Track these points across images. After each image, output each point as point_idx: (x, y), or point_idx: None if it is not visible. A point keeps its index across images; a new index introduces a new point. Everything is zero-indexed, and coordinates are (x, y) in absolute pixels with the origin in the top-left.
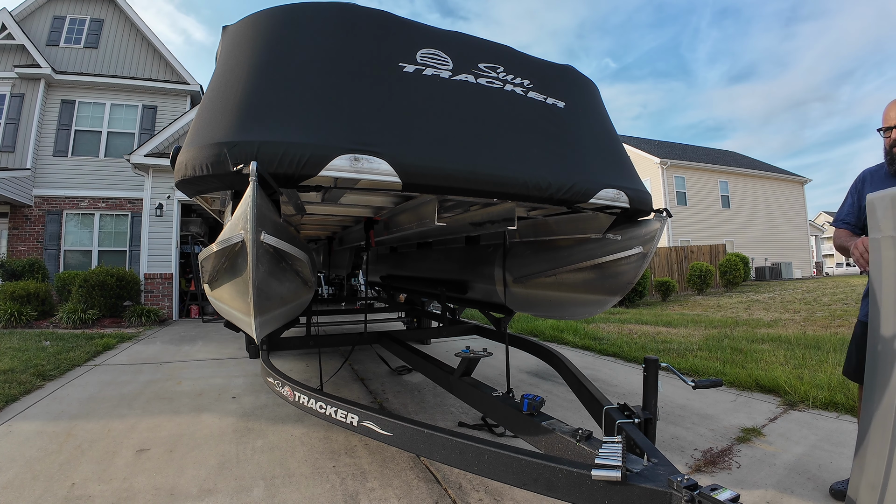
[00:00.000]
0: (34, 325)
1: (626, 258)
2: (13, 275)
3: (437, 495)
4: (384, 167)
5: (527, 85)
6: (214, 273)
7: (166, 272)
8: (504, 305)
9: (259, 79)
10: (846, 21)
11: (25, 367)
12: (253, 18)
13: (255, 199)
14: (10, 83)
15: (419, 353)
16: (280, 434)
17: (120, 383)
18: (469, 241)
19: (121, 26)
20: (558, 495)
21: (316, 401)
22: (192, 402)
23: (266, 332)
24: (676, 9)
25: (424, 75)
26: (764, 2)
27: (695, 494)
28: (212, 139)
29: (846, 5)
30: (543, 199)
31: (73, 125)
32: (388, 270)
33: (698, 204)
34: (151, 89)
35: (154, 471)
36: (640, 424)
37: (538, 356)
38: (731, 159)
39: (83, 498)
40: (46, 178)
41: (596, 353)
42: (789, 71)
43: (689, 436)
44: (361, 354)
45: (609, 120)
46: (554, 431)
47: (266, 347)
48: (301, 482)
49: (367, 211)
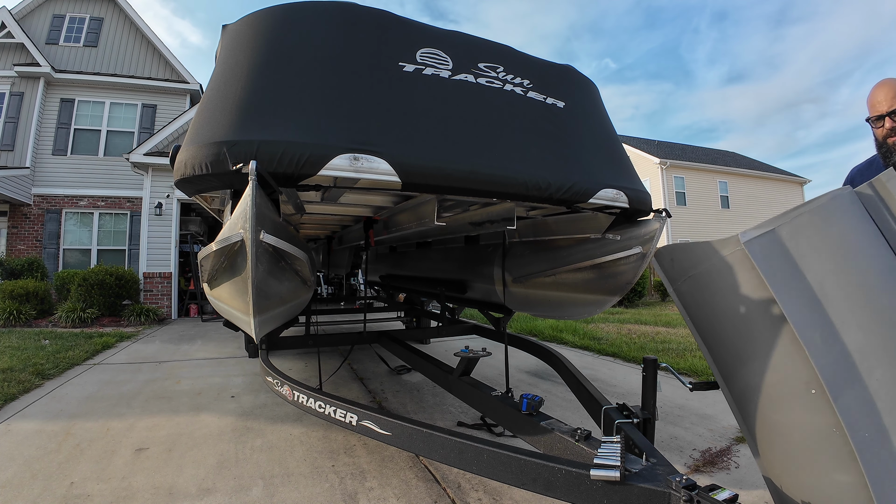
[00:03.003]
0: (33, 324)
1: (625, 258)
2: (12, 273)
3: (436, 495)
4: (384, 167)
5: (527, 85)
6: (214, 272)
7: (165, 271)
8: (503, 305)
9: (259, 78)
10: (836, 23)
11: (24, 365)
12: (253, 17)
13: (255, 198)
14: (9, 82)
15: (418, 353)
16: (279, 433)
17: (119, 382)
18: (468, 240)
19: (120, 25)
20: (557, 495)
21: (315, 400)
22: (191, 402)
23: (265, 331)
24: (667, 12)
25: (424, 75)
26: (753, 4)
27: (693, 494)
28: (211, 138)
29: (835, 8)
30: (543, 199)
31: (73, 124)
32: (388, 270)
33: (697, 204)
34: (151, 88)
35: (153, 470)
36: (638, 424)
37: (537, 356)
38: (731, 159)
39: (82, 497)
40: (46, 177)
41: (595, 353)
42: (780, 73)
43: (687, 436)
44: (360, 354)
45: (609, 120)
46: (553, 431)
47: (265, 347)
48: (300, 481)
49: (367, 210)
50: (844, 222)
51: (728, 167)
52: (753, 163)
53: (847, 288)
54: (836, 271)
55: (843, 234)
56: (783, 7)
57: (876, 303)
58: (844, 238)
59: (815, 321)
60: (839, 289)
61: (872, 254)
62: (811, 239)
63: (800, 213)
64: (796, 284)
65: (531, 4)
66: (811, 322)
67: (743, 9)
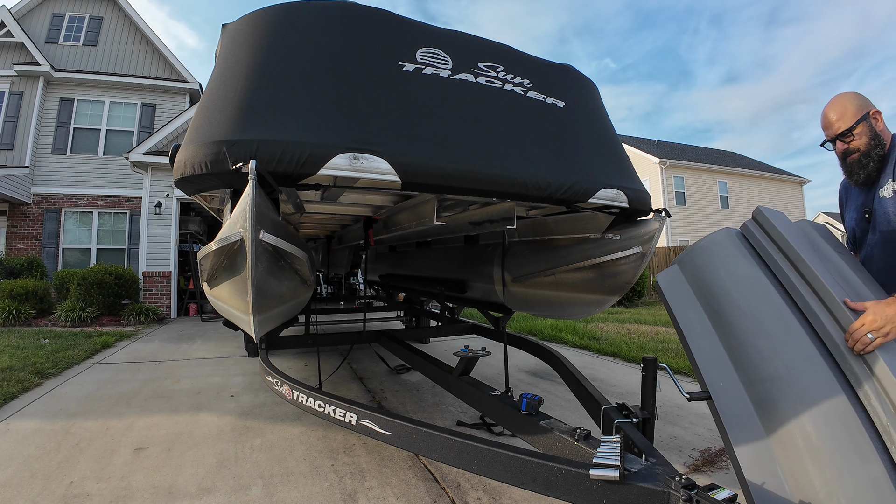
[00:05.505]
0: (32, 324)
1: (624, 258)
2: (12, 273)
3: (436, 494)
4: (383, 166)
5: (526, 84)
6: (213, 271)
7: (165, 270)
8: (503, 305)
9: (258, 77)
10: (827, 25)
11: (24, 365)
12: (252, 17)
13: (255, 197)
14: (8, 81)
15: (418, 352)
16: (279, 433)
17: (118, 381)
18: (468, 240)
19: (120, 24)
20: (556, 494)
21: (315, 399)
22: (191, 401)
23: (265, 330)
24: (659, 14)
25: (424, 74)
26: (744, 6)
27: (692, 494)
28: (211, 137)
29: (827, 9)
30: (543, 199)
31: (72, 123)
32: (387, 269)
33: (697, 204)
34: (150, 87)
35: (152, 469)
36: (638, 424)
37: (537, 355)
38: (731, 159)
39: (81, 496)
40: (45, 176)
41: (594, 353)
42: (773, 74)
43: (687, 435)
44: (360, 353)
45: (608, 120)
46: (552, 431)
47: (265, 346)
48: (299, 481)
49: (367, 210)
50: (725, 254)
51: (728, 167)
52: (753, 163)
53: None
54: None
55: (725, 263)
56: (774, 9)
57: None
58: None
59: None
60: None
61: (749, 278)
62: (700, 270)
63: (691, 249)
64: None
65: (522, 7)
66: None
67: (735, 10)
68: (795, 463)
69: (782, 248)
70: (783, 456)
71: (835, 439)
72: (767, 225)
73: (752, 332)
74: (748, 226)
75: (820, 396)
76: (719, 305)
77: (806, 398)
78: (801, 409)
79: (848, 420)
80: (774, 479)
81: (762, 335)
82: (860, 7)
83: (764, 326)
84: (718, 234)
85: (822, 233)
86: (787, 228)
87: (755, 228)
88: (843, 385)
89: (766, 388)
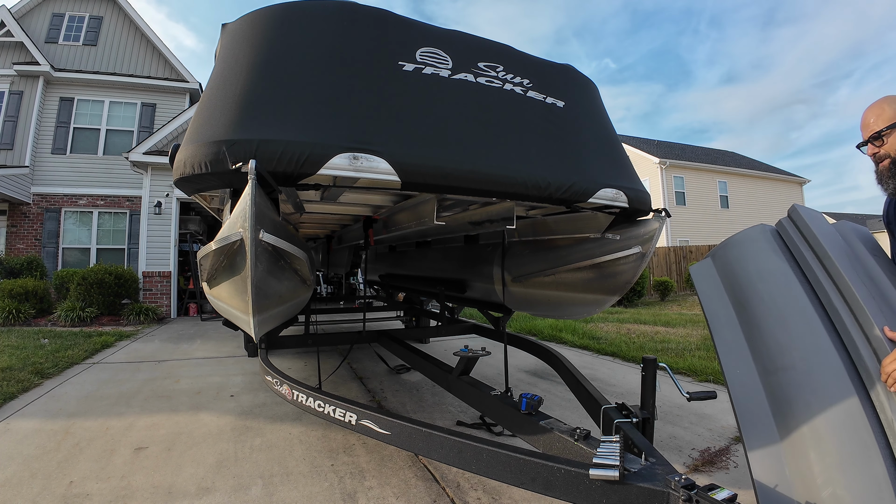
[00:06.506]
0: (32, 323)
1: (624, 258)
2: (11, 272)
3: (435, 494)
4: (383, 166)
5: (526, 84)
6: (213, 271)
7: (165, 270)
8: (503, 304)
9: (258, 77)
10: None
11: (24, 364)
12: (252, 16)
13: (254, 197)
14: (8, 80)
15: (418, 352)
16: (278, 433)
17: (118, 381)
18: (468, 240)
19: (120, 24)
20: (556, 494)
21: (314, 399)
22: (191, 401)
23: (264, 330)
24: (656, 16)
25: (424, 74)
26: (741, 7)
27: (692, 494)
28: (211, 137)
29: (823, 10)
30: (542, 199)
31: (72, 123)
32: (387, 269)
33: (697, 204)
34: (150, 87)
35: (152, 469)
36: (638, 424)
37: (537, 355)
38: (730, 159)
39: (81, 496)
40: (45, 176)
41: (594, 353)
42: (770, 74)
43: (686, 435)
44: (360, 353)
45: (608, 119)
46: (552, 430)
47: (264, 346)
48: (299, 481)
49: (366, 209)
50: (757, 248)
51: (728, 167)
52: (753, 163)
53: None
54: (750, 289)
55: (757, 260)
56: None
57: (785, 313)
58: (757, 262)
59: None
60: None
61: (781, 274)
62: (731, 264)
63: (725, 242)
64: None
65: (519, 8)
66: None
67: (731, 11)
68: (800, 457)
69: (813, 246)
70: (789, 451)
71: (842, 435)
72: (801, 223)
73: (772, 323)
74: (783, 223)
75: (832, 390)
76: (745, 297)
77: (818, 391)
78: (812, 402)
79: (856, 417)
80: (778, 463)
81: (782, 327)
82: (857, 8)
83: (785, 319)
84: (753, 229)
85: (863, 238)
86: (820, 228)
87: (789, 226)
88: (856, 382)
89: (780, 378)
